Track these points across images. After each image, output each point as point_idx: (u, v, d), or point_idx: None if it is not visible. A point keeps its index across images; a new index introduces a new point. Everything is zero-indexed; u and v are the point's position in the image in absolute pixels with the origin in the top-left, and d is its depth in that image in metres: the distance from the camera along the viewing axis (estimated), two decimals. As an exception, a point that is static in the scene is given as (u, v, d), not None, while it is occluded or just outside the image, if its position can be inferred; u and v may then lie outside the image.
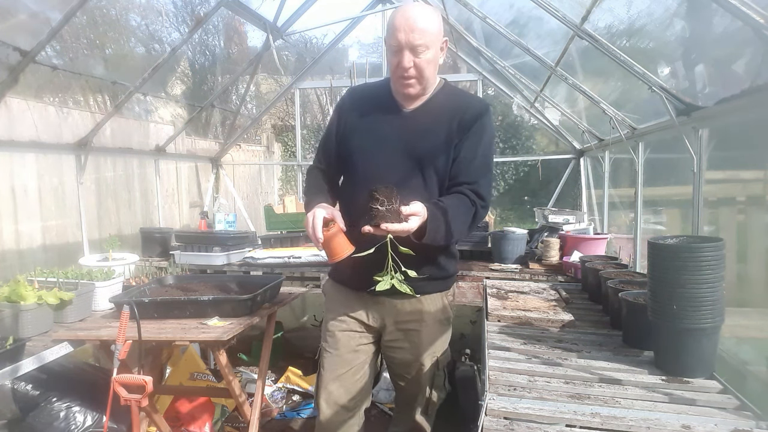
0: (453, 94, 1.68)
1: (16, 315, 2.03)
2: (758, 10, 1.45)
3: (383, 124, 1.64)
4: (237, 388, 2.19)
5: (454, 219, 1.50)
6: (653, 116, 2.69)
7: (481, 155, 1.60)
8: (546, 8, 2.57)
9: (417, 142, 1.59)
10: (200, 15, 3.31)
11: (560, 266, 3.06)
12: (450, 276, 1.76)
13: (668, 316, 1.47)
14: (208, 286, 2.42)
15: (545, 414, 1.26)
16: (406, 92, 1.59)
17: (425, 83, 1.58)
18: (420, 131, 1.60)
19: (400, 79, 1.56)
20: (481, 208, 1.58)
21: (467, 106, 1.62)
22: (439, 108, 1.63)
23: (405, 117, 1.63)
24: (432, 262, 1.65)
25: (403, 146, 1.60)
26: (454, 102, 1.64)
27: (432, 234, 1.45)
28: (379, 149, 1.62)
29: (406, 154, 1.59)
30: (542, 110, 4.51)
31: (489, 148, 1.64)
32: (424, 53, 1.51)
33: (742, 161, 2.11)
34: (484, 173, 1.61)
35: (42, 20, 2.48)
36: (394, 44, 1.51)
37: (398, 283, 1.43)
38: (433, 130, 1.60)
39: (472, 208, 1.56)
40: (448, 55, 3.89)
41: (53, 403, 2.24)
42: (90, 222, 3.51)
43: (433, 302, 1.71)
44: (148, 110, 4.28)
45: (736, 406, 1.31)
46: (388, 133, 1.63)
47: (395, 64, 1.54)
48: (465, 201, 1.55)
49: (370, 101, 1.70)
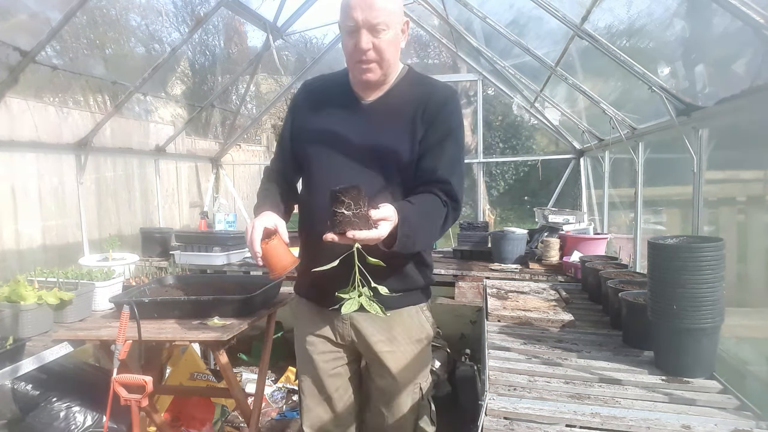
0: (417, 81, 1.50)
1: (16, 315, 2.03)
2: (758, 10, 1.45)
3: (339, 120, 1.47)
4: (237, 388, 2.19)
5: (427, 223, 1.35)
6: (653, 116, 2.68)
7: (450, 149, 1.42)
8: (546, 8, 2.56)
9: (377, 138, 1.43)
10: (200, 15, 3.31)
11: (560, 266, 3.06)
12: (422, 287, 1.55)
13: (668, 316, 1.47)
14: (208, 286, 2.42)
15: (545, 414, 1.26)
16: (365, 78, 1.41)
17: (386, 68, 1.41)
18: (380, 125, 1.44)
19: (358, 64, 1.39)
20: (453, 210, 1.41)
21: (430, 94, 1.44)
22: (402, 98, 1.45)
23: (364, 110, 1.47)
24: (398, 273, 1.45)
25: (361, 143, 1.43)
26: (417, 90, 1.46)
27: (404, 241, 1.27)
28: (335, 148, 1.45)
29: (366, 152, 1.42)
30: (542, 110, 4.51)
31: (458, 141, 1.45)
32: (384, 33, 1.35)
33: (742, 161, 2.11)
34: (454, 170, 1.42)
35: (42, 20, 2.47)
36: (350, 24, 1.35)
37: (367, 302, 1.22)
38: (395, 123, 1.43)
39: (443, 210, 1.39)
40: (448, 55, 3.85)
41: (53, 403, 2.24)
42: (90, 222, 3.51)
43: (405, 319, 1.51)
44: (148, 110, 4.27)
45: (736, 406, 1.31)
46: (345, 129, 1.45)
47: (351, 46, 1.37)
48: (436, 202, 1.38)
49: (325, 94, 1.53)
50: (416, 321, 1.54)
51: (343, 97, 1.49)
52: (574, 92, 3.38)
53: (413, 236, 1.29)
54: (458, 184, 1.42)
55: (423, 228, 1.33)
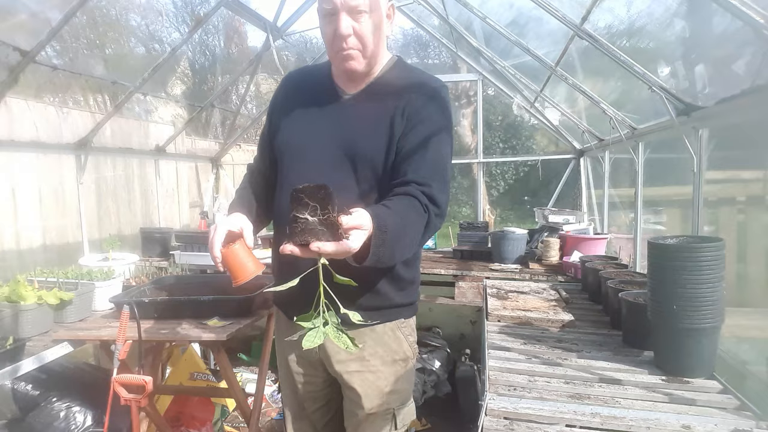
0: (403, 73, 1.34)
1: (16, 315, 2.03)
2: (758, 10, 1.45)
3: (317, 116, 1.32)
4: (237, 388, 2.19)
5: (405, 232, 1.12)
6: (653, 116, 2.69)
7: (434, 148, 1.24)
8: (546, 8, 2.57)
9: (355, 135, 1.28)
10: (200, 15, 3.31)
11: (560, 266, 3.07)
12: (402, 305, 1.37)
13: (668, 316, 1.47)
14: (208, 286, 2.42)
15: (545, 414, 1.26)
16: (348, 67, 1.26)
17: (370, 57, 1.26)
18: (360, 122, 1.29)
19: (339, 52, 1.24)
20: (435, 216, 1.20)
21: (415, 87, 1.29)
22: (385, 91, 1.30)
23: (343, 105, 1.32)
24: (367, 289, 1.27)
25: (338, 142, 1.28)
26: (402, 83, 1.30)
27: (378, 254, 1.03)
28: (309, 147, 1.30)
29: (342, 152, 1.27)
30: (542, 110, 4.51)
31: (443, 140, 1.27)
32: (366, 16, 1.21)
33: (742, 161, 2.11)
34: (437, 171, 1.23)
35: (42, 20, 2.47)
36: (328, 7, 1.20)
37: (335, 333, 0.97)
38: (375, 119, 1.27)
39: (424, 215, 1.17)
40: (448, 55, 3.83)
41: (53, 403, 2.23)
42: (90, 222, 3.51)
43: (379, 335, 1.33)
44: (148, 110, 4.27)
45: (736, 406, 1.31)
46: (322, 126, 1.31)
47: (331, 33, 1.22)
48: (415, 206, 1.16)
49: (305, 88, 1.38)
50: (391, 339, 1.35)
51: (323, 90, 1.35)
52: (574, 92, 3.38)
53: (390, 248, 1.06)
54: (442, 187, 1.22)
55: (401, 238, 1.10)
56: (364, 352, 1.32)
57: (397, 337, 1.37)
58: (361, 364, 1.33)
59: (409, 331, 1.41)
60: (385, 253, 1.05)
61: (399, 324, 1.37)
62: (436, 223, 1.21)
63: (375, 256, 1.03)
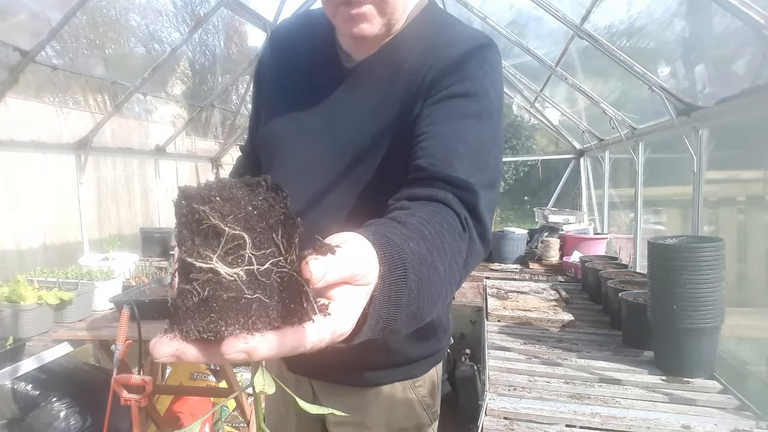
0: (433, 27, 0.87)
1: (16, 315, 2.03)
2: (758, 10, 1.45)
3: (310, 95, 0.91)
4: (237, 388, 2.19)
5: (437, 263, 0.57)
6: (653, 116, 2.69)
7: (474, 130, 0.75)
8: (546, 8, 2.57)
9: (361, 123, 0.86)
10: (200, 15, 3.31)
11: (560, 266, 3.07)
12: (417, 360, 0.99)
13: (668, 316, 1.47)
14: (208, 286, 2.42)
15: (545, 414, 1.26)
16: (356, 32, 0.79)
17: (391, 14, 0.80)
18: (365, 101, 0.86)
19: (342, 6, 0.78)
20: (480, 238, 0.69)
21: (447, 44, 0.82)
22: (403, 55, 0.85)
23: (347, 78, 0.89)
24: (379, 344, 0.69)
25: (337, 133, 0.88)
26: (427, 40, 0.85)
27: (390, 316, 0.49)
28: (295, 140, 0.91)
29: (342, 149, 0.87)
30: (542, 110, 4.51)
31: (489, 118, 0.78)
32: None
33: (742, 161, 2.11)
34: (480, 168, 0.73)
35: (42, 20, 2.47)
36: None
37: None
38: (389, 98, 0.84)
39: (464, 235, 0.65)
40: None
41: (53, 403, 2.23)
42: (90, 222, 3.51)
43: (385, 401, 0.99)
44: (148, 110, 4.28)
45: (736, 406, 1.31)
46: (314, 110, 0.90)
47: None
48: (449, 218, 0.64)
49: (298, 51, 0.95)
50: (402, 403, 1.00)
51: (320, 56, 0.92)
52: (574, 92, 3.38)
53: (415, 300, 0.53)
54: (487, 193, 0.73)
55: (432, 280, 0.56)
56: (366, 418, 0.99)
57: (409, 400, 1.00)
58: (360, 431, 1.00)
59: (428, 391, 1.03)
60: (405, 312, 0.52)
61: (413, 384, 1.00)
62: (481, 251, 0.71)
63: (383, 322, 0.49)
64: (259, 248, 0.34)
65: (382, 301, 0.47)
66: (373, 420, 0.99)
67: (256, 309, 0.34)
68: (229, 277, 0.33)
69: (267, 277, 0.34)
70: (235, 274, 0.33)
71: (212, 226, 0.33)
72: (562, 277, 2.92)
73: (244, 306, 0.33)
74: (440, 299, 0.60)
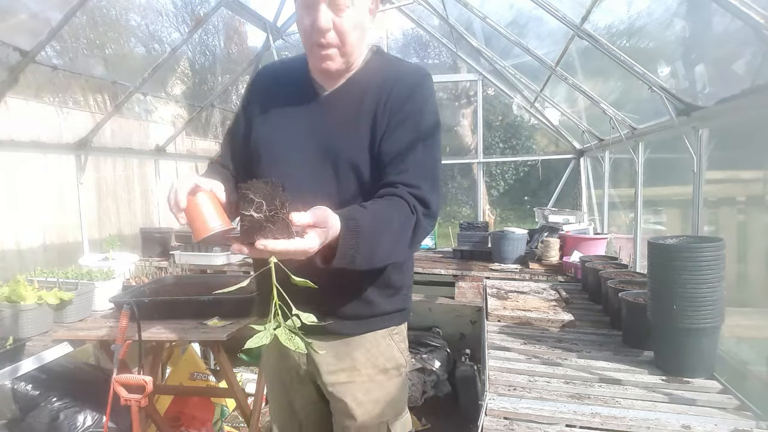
0: (382, 65, 1.23)
1: (16, 315, 2.03)
2: (758, 10, 1.45)
3: (295, 115, 1.22)
4: (237, 388, 2.19)
5: (387, 232, 1.04)
6: (653, 116, 2.69)
7: (422, 145, 1.15)
8: (546, 8, 2.57)
9: (334, 137, 1.18)
10: (200, 15, 3.31)
11: (560, 266, 3.07)
12: (392, 312, 1.28)
13: (668, 316, 1.47)
14: (208, 286, 2.42)
15: (545, 414, 1.26)
16: (323, 67, 1.15)
17: (349, 55, 1.15)
18: (339, 121, 1.18)
19: (315, 47, 1.12)
20: (425, 217, 1.11)
21: (395, 80, 1.18)
22: (365, 86, 1.19)
23: (321, 104, 1.21)
24: (355, 297, 1.20)
25: (318, 143, 1.18)
26: (381, 76, 1.20)
27: (346, 255, 0.96)
28: (287, 148, 1.20)
29: (322, 154, 1.17)
30: (542, 110, 4.51)
31: (431, 135, 1.17)
32: (348, 11, 1.09)
33: (742, 161, 2.11)
34: (427, 170, 1.15)
35: (42, 20, 2.48)
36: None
37: (285, 335, 0.91)
38: (357, 117, 1.17)
39: (411, 217, 1.08)
40: (448, 55, 3.84)
41: (53, 403, 2.23)
42: (90, 222, 3.51)
43: (368, 345, 1.25)
44: (148, 110, 4.28)
45: (736, 406, 1.31)
46: (300, 126, 1.20)
47: (308, 25, 1.10)
48: (402, 207, 1.07)
49: (281, 83, 1.28)
50: (383, 347, 1.27)
51: (299, 87, 1.24)
52: (574, 92, 3.38)
53: (365, 249, 0.98)
54: (431, 187, 1.14)
55: (381, 239, 1.03)
56: (355, 362, 1.24)
57: (389, 345, 1.28)
58: (351, 374, 1.24)
59: (401, 339, 1.32)
60: (359, 255, 0.98)
61: (390, 332, 1.29)
62: (427, 225, 1.12)
63: (346, 258, 0.96)
64: (270, 207, 0.83)
65: (343, 243, 0.95)
66: (361, 363, 1.25)
67: (269, 231, 0.83)
68: (256, 218, 0.83)
69: (273, 220, 0.83)
70: (259, 217, 0.83)
71: (250, 198, 0.83)
72: (562, 277, 2.92)
73: (263, 231, 0.83)
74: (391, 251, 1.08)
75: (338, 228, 0.94)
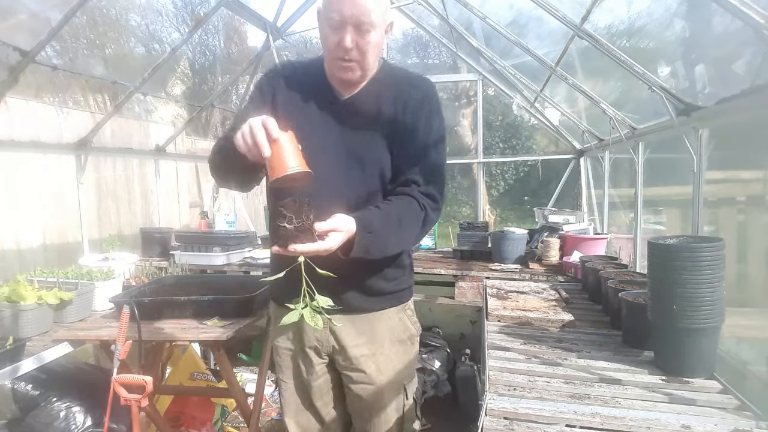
0: (393, 75, 1.43)
1: (16, 315, 2.03)
2: (758, 10, 1.45)
3: (317, 116, 1.38)
4: (237, 388, 2.19)
5: (397, 228, 1.30)
6: (653, 116, 2.69)
7: (432, 149, 1.37)
8: (546, 8, 2.57)
9: (356, 138, 1.37)
10: (200, 15, 3.31)
11: (560, 266, 3.06)
12: (404, 289, 1.52)
13: (668, 316, 1.47)
14: (208, 286, 2.42)
15: (545, 414, 1.26)
16: (344, 78, 1.34)
17: (366, 69, 1.34)
18: (358, 125, 1.37)
19: (337, 60, 1.30)
20: (432, 210, 1.36)
21: (409, 88, 1.39)
22: (380, 93, 1.38)
23: (342, 108, 1.38)
24: (381, 274, 1.43)
25: (341, 144, 1.36)
26: (394, 86, 1.40)
27: (361, 248, 1.23)
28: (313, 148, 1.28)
29: (345, 153, 1.36)
30: (542, 110, 4.51)
31: (440, 138, 1.40)
32: (370, 34, 1.27)
33: (742, 161, 2.11)
34: (436, 170, 1.38)
35: (42, 20, 2.47)
36: (336, 18, 1.25)
37: (309, 315, 1.17)
38: (373, 122, 1.36)
39: (421, 213, 1.33)
40: (448, 55, 3.81)
41: (53, 403, 2.23)
42: (90, 222, 3.51)
43: (387, 320, 1.47)
44: (148, 110, 4.28)
45: (736, 406, 1.31)
46: (323, 127, 1.37)
47: (334, 42, 1.28)
48: (412, 205, 1.32)
49: (303, 83, 1.41)
50: (398, 321, 1.50)
51: (319, 91, 1.40)
52: (574, 92, 3.38)
53: (377, 243, 1.26)
54: (439, 184, 1.38)
55: (391, 233, 1.29)
56: (376, 334, 1.45)
57: (401, 319, 1.51)
58: (373, 347, 1.45)
59: (411, 312, 1.56)
60: (373, 247, 1.26)
61: (403, 308, 1.51)
62: (434, 216, 1.37)
63: (361, 251, 1.23)
64: (298, 220, 1.12)
65: (359, 240, 1.22)
66: (379, 336, 1.45)
67: (298, 237, 1.13)
68: (288, 228, 1.12)
69: (301, 229, 1.12)
70: (291, 228, 1.12)
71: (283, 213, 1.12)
72: (562, 277, 2.91)
73: (294, 237, 1.12)
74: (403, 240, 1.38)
75: (354, 230, 1.21)
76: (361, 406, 1.49)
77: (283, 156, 1.12)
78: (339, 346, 1.44)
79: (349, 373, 1.47)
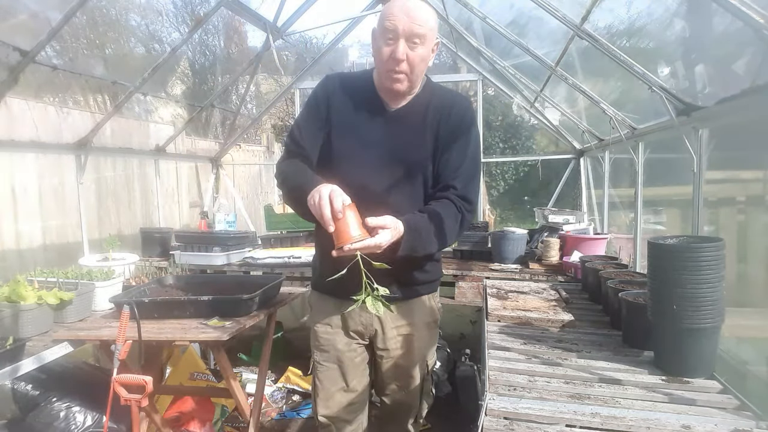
0: (436, 92, 1.58)
1: (16, 315, 2.03)
2: (758, 10, 1.45)
3: (369, 125, 1.52)
4: (237, 388, 2.19)
5: (438, 229, 1.45)
6: (653, 116, 2.69)
7: (470, 158, 1.53)
8: (546, 8, 2.57)
9: (402, 146, 1.51)
10: (200, 15, 3.31)
11: (560, 266, 3.06)
12: (436, 279, 1.73)
13: (668, 316, 1.46)
14: (208, 286, 2.42)
15: (545, 414, 1.26)
16: (394, 88, 1.46)
17: (413, 82, 1.47)
18: (405, 134, 1.51)
19: (389, 72, 1.43)
20: (468, 212, 1.53)
21: (451, 104, 1.54)
22: (424, 107, 1.53)
23: (390, 118, 1.52)
24: (420, 267, 1.61)
25: (389, 151, 1.50)
26: (437, 101, 1.54)
27: (408, 246, 1.38)
28: (365, 154, 1.50)
29: (393, 160, 1.50)
30: (542, 110, 4.51)
31: (477, 149, 1.58)
32: (420, 47, 1.40)
33: (742, 161, 2.11)
34: (472, 177, 1.55)
35: (42, 20, 2.47)
36: (391, 30, 1.38)
37: (371, 303, 1.31)
38: (420, 132, 1.51)
39: (458, 215, 1.49)
40: (448, 55, 3.83)
41: (53, 403, 2.24)
42: (90, 222, 3.51)
43: (422, 305, 1.68)
44: (148, 110, 4.28)
45: (736, 406, 1.31)
46: (374, 135, 1.51)
47: (387, 54, 1.40)
48: (451, 209, 1.48)
49: (354, 95, 1.54)
50: (429, 306, 1.69)
51: (370, 101, 1.52)
52: (574, 92, 3.38)
53: (423, 242, 1.43)
54: (475, 189, 1.57)
55: (433, 235, 1.44)
56: (414, 318, 1.64)
57: (432, 305, 1.71)
58: (410, 328, 1.64)
59: (437, 300, 1.76)
60: (418, 246, 1.42)
61: (433, 296, 1.72)
62: (470, 217, 1.55)
63: (407, 249, 1.39)
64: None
65: (406, 239, 1.37)
66: (415, 319, 1.65)
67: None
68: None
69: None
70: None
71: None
72: (562, 277, 2.91)
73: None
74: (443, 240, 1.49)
75: (402, 230, 1.35)
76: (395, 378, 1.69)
77: (345, 229, 1.29)
78: (381, 329, 1.62)
79: (384, 352, 1.65)
